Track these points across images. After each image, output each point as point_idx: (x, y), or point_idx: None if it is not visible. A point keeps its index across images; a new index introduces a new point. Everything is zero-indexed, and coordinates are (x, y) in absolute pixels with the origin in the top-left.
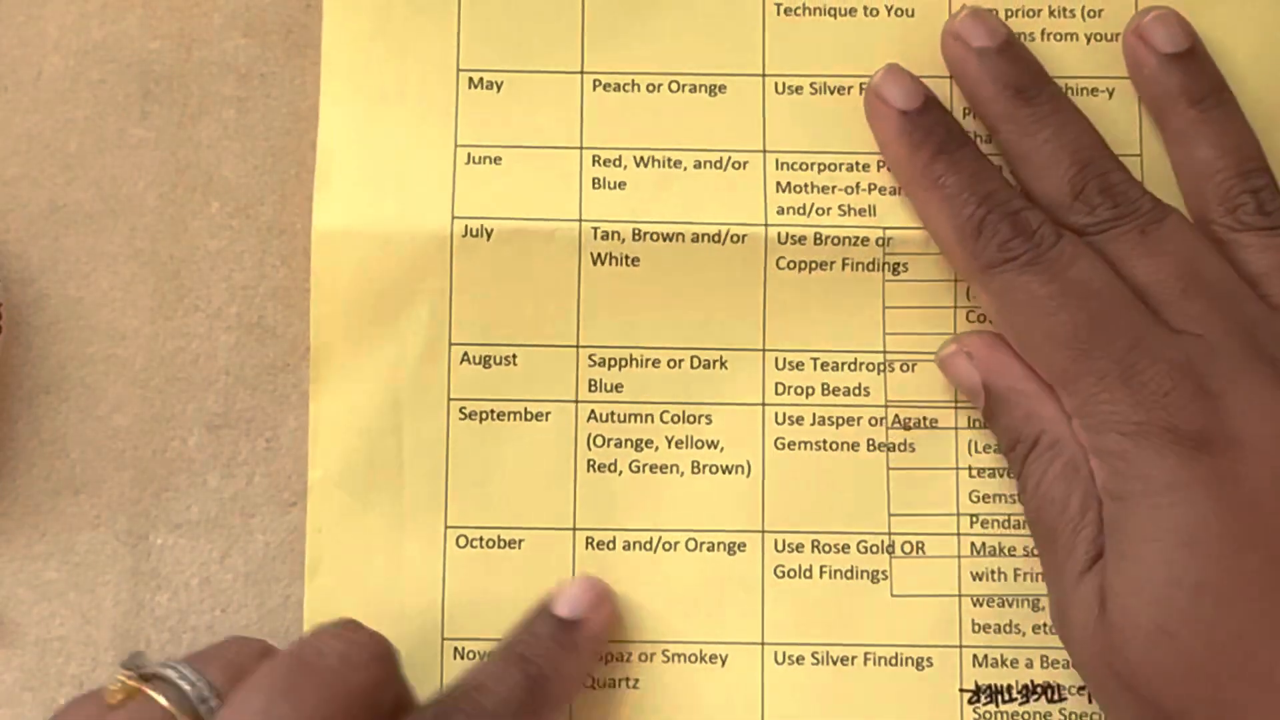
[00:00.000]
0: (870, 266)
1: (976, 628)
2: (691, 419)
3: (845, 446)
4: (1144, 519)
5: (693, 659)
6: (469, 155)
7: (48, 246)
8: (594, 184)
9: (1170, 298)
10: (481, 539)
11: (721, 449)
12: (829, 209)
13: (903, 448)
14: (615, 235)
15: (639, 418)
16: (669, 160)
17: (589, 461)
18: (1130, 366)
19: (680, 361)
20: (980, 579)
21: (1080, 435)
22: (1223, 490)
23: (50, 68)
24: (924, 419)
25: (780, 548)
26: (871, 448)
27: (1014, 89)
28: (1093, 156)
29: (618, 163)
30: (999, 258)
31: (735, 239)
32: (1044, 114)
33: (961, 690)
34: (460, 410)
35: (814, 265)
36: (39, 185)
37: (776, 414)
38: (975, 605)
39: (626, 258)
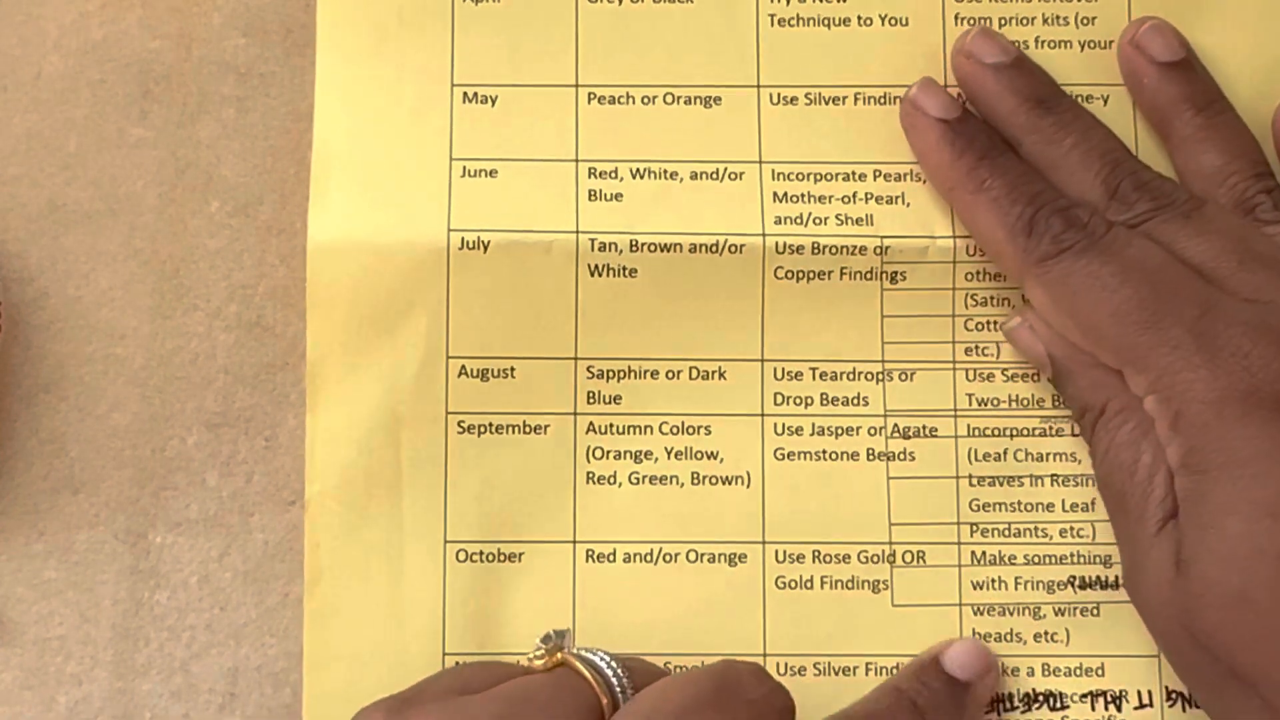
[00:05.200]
0: (868, 275)
1: (978, 636)
2: (691, 430)
3: (845, 456)
4: (1226, 491)
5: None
6: (464, 169)
7: (48, 246)
8: (590, 196)
9: (1229, 271)
10: (481, 553)
11: (721, 460)
12: (826, 218)
13: (902, 457)
14: (612, 247)
15: (638, 429)
16: (665, 172)
17: (588, 474)
18: (1204, 333)
19: (679, 373)
20: (981, 588)
21: (1155, 411)
22: None
23: (50, 67)
24: (923, 428)
25: (781, 558)
26: (871, 457)
27: (1034, 100)
28: (1121, 157)
29: (614, 175)
30: (1054, 249)
31: (733, 249)
32: (1067, 121)
33: None
34: (458, 424)
35: (812, 275)
36: (39, 185)
37: (776, 424)
38: (976, 614)
39: (624, 269)
